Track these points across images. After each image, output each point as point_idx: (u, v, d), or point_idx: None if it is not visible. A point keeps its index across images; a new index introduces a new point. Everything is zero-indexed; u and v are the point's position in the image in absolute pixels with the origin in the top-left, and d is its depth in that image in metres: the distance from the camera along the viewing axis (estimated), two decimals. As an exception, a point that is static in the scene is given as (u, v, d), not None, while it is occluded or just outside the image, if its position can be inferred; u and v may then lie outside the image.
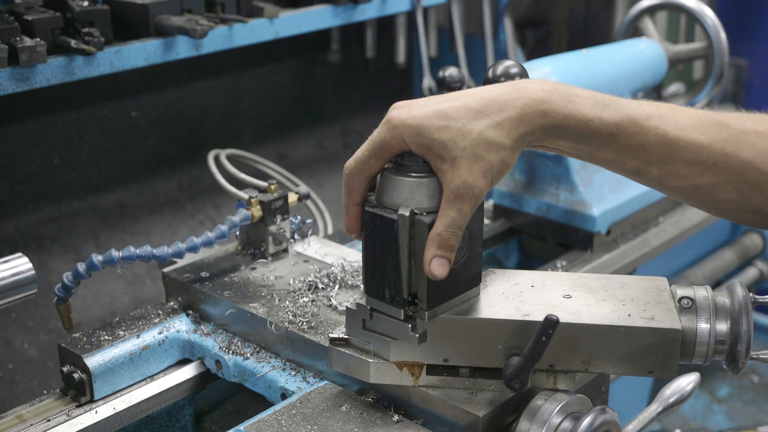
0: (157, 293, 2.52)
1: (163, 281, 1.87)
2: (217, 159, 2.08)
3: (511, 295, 1.45)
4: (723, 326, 1.40)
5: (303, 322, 1.64)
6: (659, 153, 1.29)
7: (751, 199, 1.32)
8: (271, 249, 1.90)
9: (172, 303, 1.84)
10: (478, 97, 1.29)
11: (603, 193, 2.23)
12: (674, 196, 1.38)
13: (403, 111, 1.30)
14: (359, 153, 1.34)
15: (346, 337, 1.48)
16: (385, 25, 3.15)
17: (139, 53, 2.17)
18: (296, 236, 1.97)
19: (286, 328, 1.64)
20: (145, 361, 1.72)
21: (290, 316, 1.66)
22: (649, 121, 1.29)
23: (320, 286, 1.77)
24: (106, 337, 1.71)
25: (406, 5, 2.82)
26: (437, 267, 1.30)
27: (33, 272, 1.61)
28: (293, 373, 1.63)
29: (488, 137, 1.27)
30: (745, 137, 1.29)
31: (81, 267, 1.76)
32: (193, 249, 1.80)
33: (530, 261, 2.35)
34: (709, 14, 2.48)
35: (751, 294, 1.44)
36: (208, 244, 1.82)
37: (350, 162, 1.35)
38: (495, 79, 1.57)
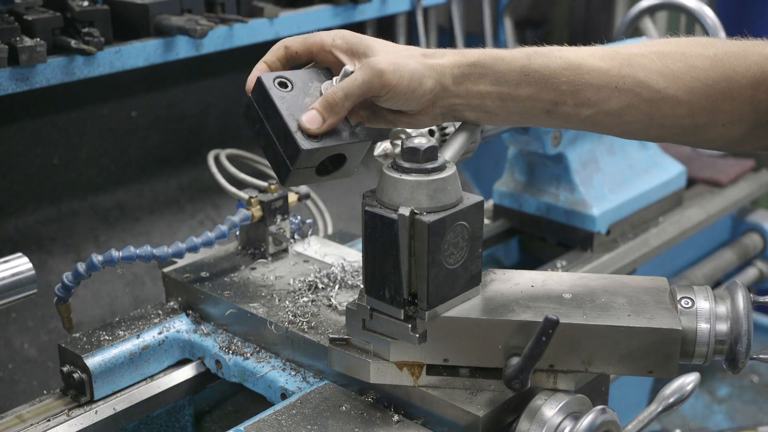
0: (157, 293, 2.52)
1: (163, 281, 1.87)
2: (217, 159, 2.08)
3: (511, 295, 1.45)
4: (723, 326, 1.40)
5: (303, 322, 1.64)
6: (569, 82, 1.42)
7: (653, 116, 1.44)
8: (271, 249, 1.90)
9: (172, 303, 1.84)
10: None
11: (603, 193, 2.23)
12: (589, 127, 1.49)
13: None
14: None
15: (346, 337, 1.48)
16: (385, 25, 3.14)
17: (139, 53, 2.17)
18: (296, 236, 1.97)
19: (286, 328, 1.64)
20: (145, 361, 1.72)
21: (290, 316, 1.66)
22: (552, 52, 1.44)
23: (320, 286, 1.77)
24: (106, 337, 1.71)
25: (406, 5, 2.82)
26: (310, 119, 1.39)
27: (33, 272, 1.61)
28: (293, 373, 1.63)
29: (410, 49, 1.44)
30: (634, 60, 1.43)
31: (81, 267, 1.76)
32: (193, 249, 1.80)
33: (530, 261, 2.35)
34: (709, 14, 2.48)
35: (751, 294, 1.44)
36: (208, 244, 1.82)
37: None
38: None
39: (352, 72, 1.40)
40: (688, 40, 1.46)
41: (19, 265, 1.60)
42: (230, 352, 1.70)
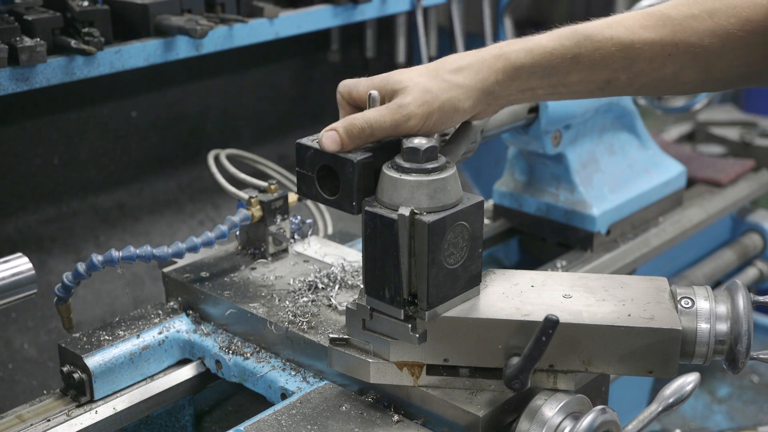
0: (157, 293, 2.52)
1: (163, 281, 1.87)
2: (217, 159, 2.08)
3: (511, 295, 1.45)
4: (723, 326, 1.40)
5: (303, 322, 1.64)
6: (621, 60, 1.41)
7: (709, 72, 1.44)
8: (271, 249, 1.90)
9: (172, 303, 1.84)
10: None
11: (603, 193, 2.23)
12: (645, 93, 1.50)
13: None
14: None
15: (346, 337, 1.48)
16: (385, 25, 3.14)
17: (139, 53, 2.17)
18: (296, 236, 1.97)
19: (286, 328, 1.64)
20: (145, 361, 1.72)
21: (290, 316, 1.66)
22: (603, 34, 1.41)
23: (320, 286, 1.77)
24: (106, 337, 1.71)
25: (406, 5, 2.82)
26: (329, 137, 1.38)
27: (33, 272, 1.61)
28: (293, 373, 1.63)
29: (443, 76, 1.40)
30: (686, 23, 1.40)
31: (81, 267, 1.76)
32: (193, 249, 1.80)
33: (530, 261, 2.35)
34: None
35: (751, 294, 1.44)
36: (208, 244, 1.82)
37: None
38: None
39: (376, 97, 1.40)
40: None
41: (19, 265, 1.60)
42: (230, 352, 1.70)
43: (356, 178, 1.37)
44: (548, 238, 2.29)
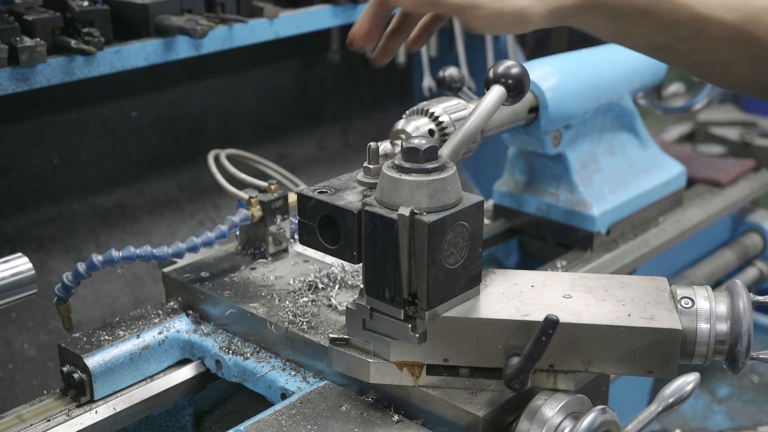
0: (157, 293, 2.52)
1: (163, 281, 1.87)
2: (217, 159, 2.08)
3: (511, 295, 1.45)
4: (723, 326, 1.40)
5: (303, 322, 1.64)
6: (688, 29, 1.38)
7: (759, 74, 1.41)
8: (271, 249, 1.90)
9: (172, 303, 1.84)
10: None
11: (603, 193, 2.23)
12: (694, 71, 1.47)
13: None
14: None
15: (346, 337, 1.48)
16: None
17: (139, 53, 2.17)
18: (296, 236, 1.97)
19: (286, 328, 1.64)
20: (145, 361, 1.72)
21: (290, 316, 1.66)
22: None
23: (320, 286, 1.77)
24: (106, 337, 1.71)
25: (406, 5, 2.82)
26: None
27: (33, 272, 1.61)
28: (293, 373, 1.63)
29: None
30: (760, 15, 1.38)
31: (81, 267, 1.76)
32: (193, 249, 1.80)
33: (530, 261, 2.35)
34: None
35: (751, 294, 1.44)
36: (208, 244, 1.82)
37: None
38: (495, 80, 1.57)
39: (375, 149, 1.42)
40: None
41: (19, 265, 1.60)
42: (230, 352, 1.70)
43: (357, 228, 1.39)
44: (548, 238, 2.29)
